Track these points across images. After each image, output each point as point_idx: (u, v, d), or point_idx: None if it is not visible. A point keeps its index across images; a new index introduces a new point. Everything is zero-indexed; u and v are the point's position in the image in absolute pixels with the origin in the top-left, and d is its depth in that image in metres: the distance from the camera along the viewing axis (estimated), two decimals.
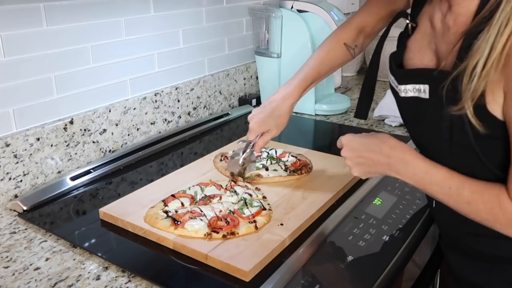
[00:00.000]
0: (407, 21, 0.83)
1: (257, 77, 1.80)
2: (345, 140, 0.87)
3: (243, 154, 1.07)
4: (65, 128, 1.17)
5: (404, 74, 0.79)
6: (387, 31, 0.90)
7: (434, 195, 0.75)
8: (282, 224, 0.91)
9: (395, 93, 0.83)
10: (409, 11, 0.88)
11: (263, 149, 1.22)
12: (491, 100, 0.64)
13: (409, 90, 0.76)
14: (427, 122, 0.75)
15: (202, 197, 1.00)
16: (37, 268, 0.84)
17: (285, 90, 1.05)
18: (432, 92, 0.72)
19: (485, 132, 0.65)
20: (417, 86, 0.74)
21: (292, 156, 1.19)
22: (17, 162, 1.08)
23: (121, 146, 1.33)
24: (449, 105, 0.67)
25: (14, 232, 0.96)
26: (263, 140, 1.07)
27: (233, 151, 1.13)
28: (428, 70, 0.75)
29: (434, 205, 0.88)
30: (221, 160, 1.20)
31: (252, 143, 1.07)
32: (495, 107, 0.65)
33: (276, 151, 1.21)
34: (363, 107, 0.99)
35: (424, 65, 0.78)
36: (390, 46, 0.91)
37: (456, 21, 0.71)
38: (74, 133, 1.20)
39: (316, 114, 1.65)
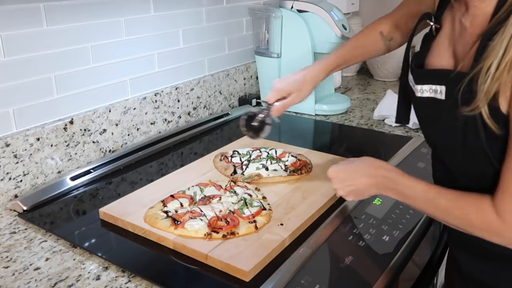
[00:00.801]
0: (431, 23, 0.83)
1: (257, 77, 1.80)
2: (333, 174, 0.92)
3: (260, 114, 1.05)
4: (65, 128, 1.17)
5: (422, 74, 0.80)
6: (413, 33, 0.91)
7: (418, 208, 0.80)
8: (282, 224, 0.91)
9: (412, 92, 0.83)
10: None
11: (263, 149, 1.22)
12: (503, 101, 0.65)
13: (425, 91, 0.77)
14: (442, 123, 0.76)
15: (202, 198, 1.00)
16: (37, 268, 0.84)
17: (314, 65, 1.11)
18: (448, 93, 0.73)
19: (499, 132, 0.66)
20: (433, 86, 0.75)
21: (292, 156, 1.19)
22: (17, 162, 1.08)
23: (121, 146, 1.33)
24: (463, 106, 0.67)
25: (14, 232, 0.96)
26: (283, 104, 1.08)
27: (249, 109, 1.08)
28: (445, 71, 0.75)
29: None
30: (220, 160, 1.20)
31: (270, 106, 1.07)
32: (507, 108, 0.65)
33: (276, 151, 1.21)
34: (403, 111, 0.98)
35: (442, 66, 0.78)
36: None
37: (473, 22, 0.72)
38: (74, 133, 1.20)
39: (316, 114, 1.65)
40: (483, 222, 0.69)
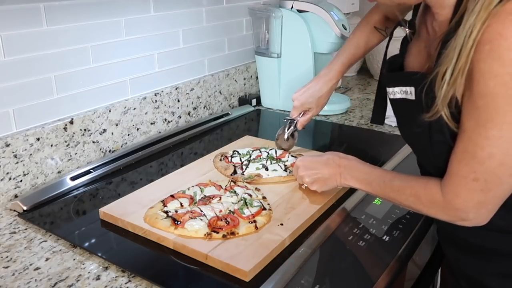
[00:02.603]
0: (406, 29, 0.86)
1: (257, 77, 1.80)
2: (299, 162, 1.00)
3: (287, 130, 1.22)
4: (65, 128, 1.17)
5: (391, 77, 0.83)
6: (389, 40, 0.97)
7: (374, 192, 0.88)
8: (282, 224, 0.91)
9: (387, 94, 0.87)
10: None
11: (263, 149, 1.22)
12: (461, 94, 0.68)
13: (396, 92, 0.81)
14: (414, 122, 0.78)
15: (202, 198, 1.00)
16: (37, 268, 0.84)
17: (326, 75, 1.16)
18: (417, 93, 0.76)
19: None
20: (403, 88, 0.79)
21: (292, 156, 1.19)
22: (17, 162, 1.08)
23: (121, 146, 1.33)
24: (427, 108, 0.71)
25: (14, 232, 0.96)
26: (305, 118, 1.21)
27: (279, 129, 1.25)
28: (411, 73, 0.78)
29: None
30: (220, 160, 1.20)
31: (295, 121, 1.21)
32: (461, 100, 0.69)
33: (276, 151, 1.21)
34: (379, 112, 1.04)
35: (416, 68, 0.81)
36: (394, 47, 0.93)
37: (440, 28, 0.75)
38: (74, 133, 1.20)
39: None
40: (430, 199, 0.76)
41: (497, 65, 0.62)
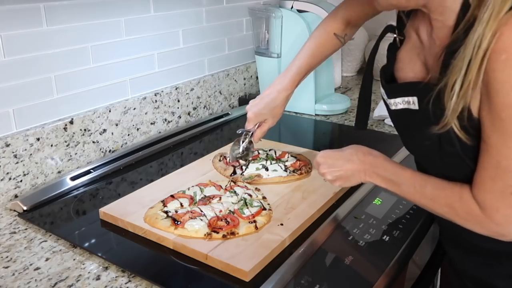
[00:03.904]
0: (395, 35, 0.85)
1: (257, 77, 1.80)
2: (321, 159, 0.93)
3: (242, 143, 1.14)
4: (65, 128, 1.17)
5: (393, 88, 0.82)
6: (377, 46, 0.93)
7: (402, 195, 0.82)
8: (282, 224, 0.91)
9: (387, 106, 0.85)
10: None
11: (262, 150, 1.22)
12: (475, 106, 0.66)
13: (398, 103, 0.79)
14: (418, 133, 0.77)
15: (202, 198, 1.00)
16: (37, 268, 0.84)
17: (281, 83, 1.10)
18: (420, 103, 0.74)
19: (471, 144, 0.68)
20: (406, 98, 0.77)
21: (291, 156, 1.19)
22: (17, 162, 1.08)
23: (121, 146, 1.33)
24: (435, 119, 0.69)
25: (14, 232, 0.96)
26: (260, 131, 1.14)
27: (233, 142, 1.17)
28: (415, 83, 0.77)
29: None
30: (220, 160, 1.20)
31: (251, 132, 1.14)
32: (478, 112, 0.67)
33: (275, 152, 1.21)
34: (363, 117, 1.02)
35: (415, 76, 0.80)
36: (385, 49, 0.92)
37: (438, 35, 0.73)
38: (74, 133, 1.20)
39: (316, 114, 1.65)
40: (467, 212, 0.72)
41: None
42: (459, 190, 0.73)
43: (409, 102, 0.76)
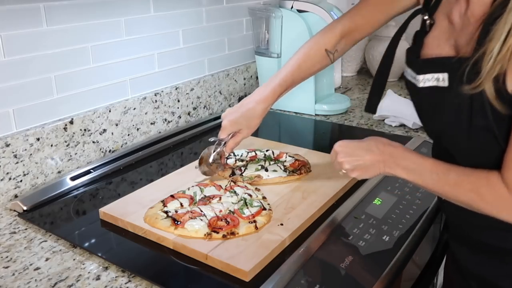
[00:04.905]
0: (425, 18, 0.83)
1: (257, 77, 1.80)
2: (339, 147, 0.90)
3: (213, 152, 1.09)
4: (65, 128, 1.17)
5: (423, 63, 0.80)
6: (404, 27, 0.90)
7: (424, 185, 0.79)
8: (282, 224, 0.91)
9: (412, 86, 0.83)
10: None
11: (259, 151, 1.22)
12: (510, 81, 0.65)
13: (427, 80, 0.77)
14: (446, 110, 0.75)
15: (202, 198, 1.00)
16: (37, 268, 0.84)
17: (261, 94, 1.06)
18: (451, 79, 0.73)
19: (506, 113, 0.66)
20: (436, 75, 0.75)
21: (289, 156, 1.19)
22: (17, 162, 1.08)
23: (121, 146, 1.33)
24: (467, 85, 0.68)
25: (14, 232, 0.96)
26: (234, 141, 1.08)
27: (205, 149, 1.12)
28: (447, 58, 0.76)
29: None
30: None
31: (223, 142, 1.08)
32: None
33: (273, 152, 1.21)
34: (374, 101, 1.00)
35: (443, 55, 0.79)
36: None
37: (475, 12, 0.73)
38: (74, 133, 1.20)
39: (316, 114, 1.65)
40: (495, 196, 0.69)
41: None
42: (486, 175, 0.70)
43: (439, 79, 0.75)
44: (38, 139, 1.12)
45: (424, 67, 0.79)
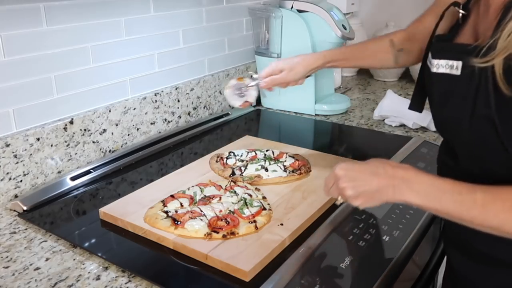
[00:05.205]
0: (459, 10, 0.81)
1: None
2: (342, 170, 0.78)
3: (250, 83, 1.09)
4: (65, 128, 1.17)
5: (440, 48, 0.78)
6: (440, 20, 0.87)
7: (444, 209, 0.68)
8: (282, 224, 0.91)
9: (427, 70, 0.81)
10: None
11: (259, 151, 1.22)
12: None
13: (441, 66, 0.75)
14: (453, 99, 0.74)
15: (202, 198, 1.00)
16: (37, 268, 0.84)
17: (317, 52, 1.11)
18: (464, 68, 0.71)
19: (510, 94, 0.62)
20: (450, 62, 0.73)
21: (289, 156, 1.19)
22: (17, 162, 1.08)
23: (121, 146, 1.33)
24: (478, 82, 0.67)
25: (14, 232, 0.96)
26: (271, 78, 1.10)
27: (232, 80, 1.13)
28: (464, 45, 0.74)
29: None
30: (216, 161, 1.20)
31: (259, 80, 1.10)
32: None
33: (273, 152, 1.21)
34: (418, 99, 0.94)
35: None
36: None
37: (495, 0, 0.71)
38: (74, 133, 1.20)
39: (316, 114, 1.65)
40: None
41: None
42: None
43: (452, 67, 0.73)
44: (38, 139, 1.12)
45: (441, 51, 0.77)
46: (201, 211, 0.93)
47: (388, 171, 0.73)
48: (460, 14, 0.80)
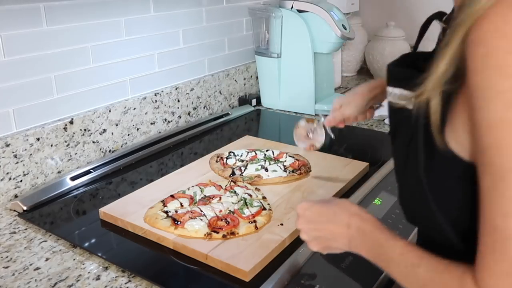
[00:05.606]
0: (440, 23, 0.68)
1: (257, 77, 1.80)
2: (300, 210, 0.74)
3: (318, 124, 1.07)
4: (65, 128, 1.17)
5: (395, 73, 0.65)
6: (420, 37, 0.77)
7: (391, 275, 0.62)
8: (282, 224, 0.91)
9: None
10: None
11: (259, 151, 1.22)
12: (457, 145, 0.52)
13: (395, 95, 0.63)
14: (398, 139, 0.64)
15: (202, 198, 1.00)
16: (37, 268, 0.84)
17: (373, 80, 1.03)
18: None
19: (444, 149, 0.53)
20: (404, 92, 0.60)
21: (289, 156, 1.19)
22: (17, 162, 1.08)
23: (121, 146, 1.33)
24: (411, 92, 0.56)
25: (14, 232, 0.96)
26: (333, 116, 1.03)
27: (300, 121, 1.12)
28: (420, 73, 0.56)
29: None
30: (216, 161, 1.20)
31: (323, 118, 1.07)
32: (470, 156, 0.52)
33: (273, 152, 1.21)
34: None
35: None
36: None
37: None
38: (74, 133, 1.20)
39: (316, 114, 1.65)
40: None
41: (497, 76, 0.45)
42: (460, 275, 0.52)
43: (407, 98, 0.59)
44: (38, 139, 1.12)
45: (394, 76, 0.64)
46: (201, 211, 0.93)
47: (344, 219, 0.69)
48: (441, 28, 0.66)
